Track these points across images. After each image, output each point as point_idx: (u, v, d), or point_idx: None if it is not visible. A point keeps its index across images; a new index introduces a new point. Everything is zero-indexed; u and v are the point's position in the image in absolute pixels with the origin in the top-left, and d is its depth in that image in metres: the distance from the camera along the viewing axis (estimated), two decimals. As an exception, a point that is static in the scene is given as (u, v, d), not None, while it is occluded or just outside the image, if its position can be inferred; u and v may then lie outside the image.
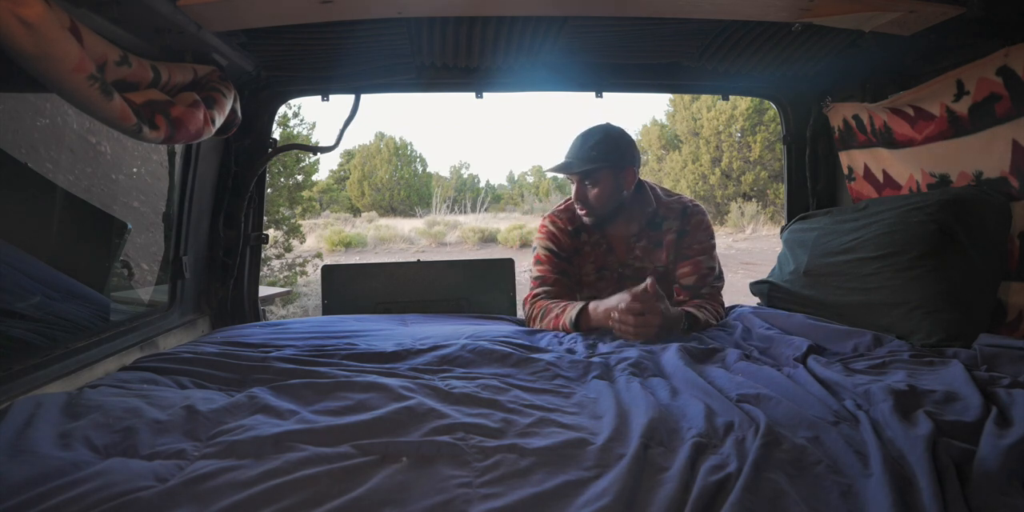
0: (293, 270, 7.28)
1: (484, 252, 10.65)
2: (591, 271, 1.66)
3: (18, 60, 0.80)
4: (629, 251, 1.64)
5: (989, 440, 0.69)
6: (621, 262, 1.64)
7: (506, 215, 15.92)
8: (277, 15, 1.25)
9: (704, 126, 13.70)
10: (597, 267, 1.65)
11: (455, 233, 11.83)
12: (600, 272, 1.65)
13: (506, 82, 1.83)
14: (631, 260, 1.64)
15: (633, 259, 1.64)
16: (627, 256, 1.64)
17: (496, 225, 12.20)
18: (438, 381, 0.98)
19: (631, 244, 1.64)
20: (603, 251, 1.65)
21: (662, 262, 1.62)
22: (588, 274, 1.66)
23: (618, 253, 1.65)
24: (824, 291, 1.51)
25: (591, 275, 1.66)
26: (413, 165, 20.24)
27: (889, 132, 1.62)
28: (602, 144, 1.55)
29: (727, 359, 1.12)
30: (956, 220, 1.28)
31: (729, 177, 13.61)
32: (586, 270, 1.66)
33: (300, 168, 7.85)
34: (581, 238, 1.66)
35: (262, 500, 0.60)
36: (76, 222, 1.45)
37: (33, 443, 0.70)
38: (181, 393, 0.94)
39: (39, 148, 1.42)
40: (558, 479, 0.65)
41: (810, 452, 0.70)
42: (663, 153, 15.21)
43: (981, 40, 1.30)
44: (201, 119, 1.16)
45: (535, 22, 1.44)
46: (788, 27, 1.41)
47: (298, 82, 1.76)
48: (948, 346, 1.16)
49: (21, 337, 1.14)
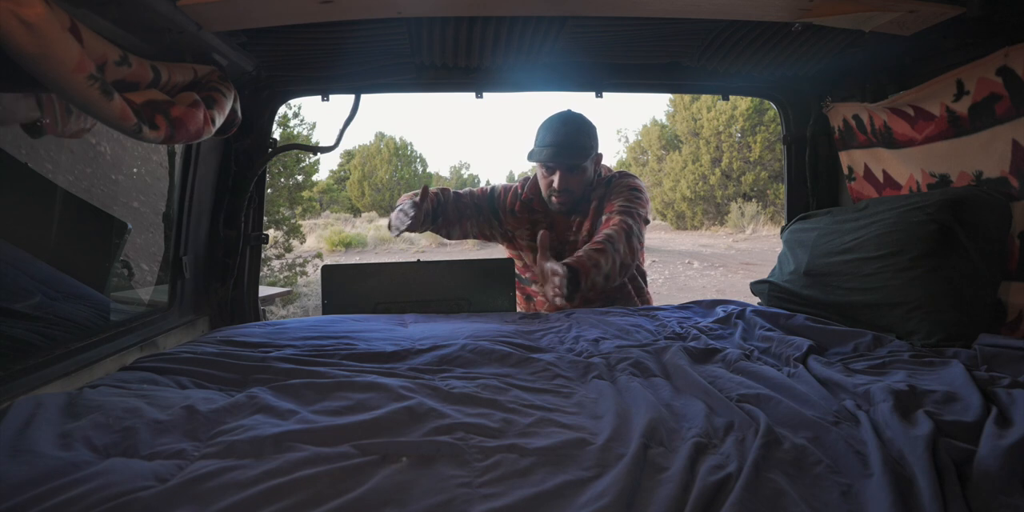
0: (293, 270, 7.29)
1: (484, 252, 10.65)
2: (525, 237, 1.83)
3: (18, 60, 0.80)
4: (568, 229, 1.79)
5: (989, 440, 0.69)
6: (561, 238, 1.79)
7: (506, 215, 15.87)
8: (277, 15, 1.25)
9: (704, 126, 13.71)
10: (531, 236, 1.79)
11: (455, 233, 11.79)
12: (533, 241, 1.77)
13: (506, 82, 1.83)
14: (569, 236, 1.79)
15: (570, 234, 1.79)
16: (567, 233, 1.79)
17: (496, 225, 12.16)
18: (438, 381, 0.98)
19: (569, 222, 1.80)
20: (544, 227, 1.77)
21: (586, 231, 1.76)
22: (522, 238, 1.84)
23: (558, 231, 1.80)
24: (824, 291, 1.51)
25: (525, 240, 1.83)
26: (413, 165, 20.24)
27: (889, 132, 1.62)
28: (584, 134, 1.70)
29: (727, 359, 1.12)
30: (956, 220, 1.28)
31: (729, 177, 13.61)
32: (520, 234, 1.84)
33: (300, 168, 7.86)
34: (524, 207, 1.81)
35: (262, 500, 0.60)
36: (76, 222, 1.45)
37: (33, 443, 0.70)
38: (181, 393, 0.94)
39: (39, 148, 1.42)
40: (558, 479, 0.65)
41: (810, 452, 0.70)
42: (663, 153, 15.22)
43: (981, 40, 1.30)
44: (201, 119, 1.16)
45: (535, 22, 1.44)
46: (788, 27, 1.41)
47: (298, 82, 1.76)
48: (948, 346, 1.16)
49: (21, 337, 1.14)
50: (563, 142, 1.68)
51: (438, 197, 1.81)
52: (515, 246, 1.89)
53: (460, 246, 11.34)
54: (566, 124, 1.71)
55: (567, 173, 1.68)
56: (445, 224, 1.83)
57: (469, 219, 1.86)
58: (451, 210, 1.83)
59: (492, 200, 1.88)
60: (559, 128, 1.71)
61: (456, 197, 1.86)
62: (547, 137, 1.72)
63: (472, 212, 1.86)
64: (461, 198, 1.87)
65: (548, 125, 1.74)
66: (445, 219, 1.82)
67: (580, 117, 1.75)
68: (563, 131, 1.69)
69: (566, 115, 1.76)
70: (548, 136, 1.72)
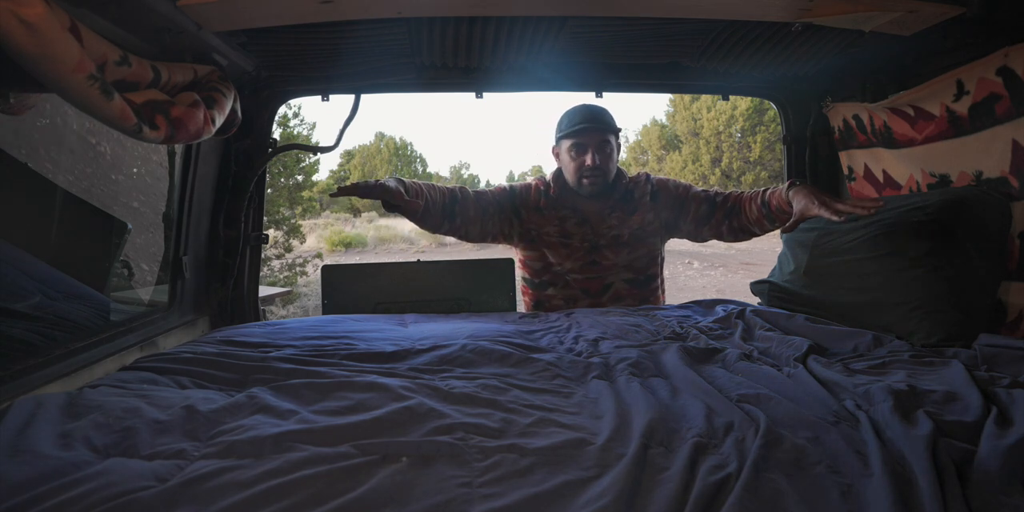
0: (293, 270, 7.29)
1: (484, 252, 10.65)
2: (553, 234, 1.80)
3: (18, 60, 0.80)
4: (603, 222, 1.79)
5: (989, 440, 0.69)
6: (596, 232, 1.79)
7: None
8: (277, 15, 1.25)
9: (704, 126, 13.71)
10: (561, 233, 1.79)
11: (455, 233, 11.79)
12: (564, 238, 1.79)
13: (506, 82, 1.83)
14: (605, 230, 1.79)
15: (607, 228, 1.79)
16: (603, 227, 1.79)
17: (496, 225, 12.16)
18: (438, 381, 0.98)
19: (604, 215, 1.80)
20: (573, 223, 1.79)
21: (638, 224, 1.80)
22: (550, 235, 1.80)
23: (593, 224, 1.79)
24: (824, 291, 1.51)
25: (553, 237, 1.80)
26: (413, 165, 20.25)
27: (889, 132, 1.62)
28: (608, 114, 1.76)
29: (727, 359, 1.12)
30: (956, 220, 1.28)
31: (729, 177, 13.61)
32: (547, 231, 1.80)
33: (300, 168, 7.86)
34: (550, 203, 1.81)
35: (262, 500, 0.60)
36: (76, 222, 1.45)
37: (33, 443, 0.70)
38: (181, 393, 0.94)
39: (39, 148, 1.42)
40: (558, 479, 0.65)
41: (810, 452, 0.70)
42: (663, 153, 15.22)
43: (981, 40, 1.30)
44: (201, 119, 1.16)
45: (535, 22, 1.44)
46: (788, 27, 1.41)
47: (298, 82, 1.76)
48: (948, 346, 1.16)
49: (21, 337, 1.14)
50: (592, 118, 1.73)
51: (429, 194, 1.70)
52: (538, 245, 1.81)
53: (460, 246, 11.33)
54: (589, 107, 1.77)
55: (599, 150, 1.72)
56: (464, 223, 1.75)
57: (491, 217, 1.79)
58: (471, 208, 1.75)
59: (513, 198, 1.83)
60: (583, 110, 1.76)
61: (477, 195, 1.79)
62: (575, 118, 1.75)
63: (494, 210, 1.80)
64: (483, 196, 1.80)
65: (571, 111, 1.78)
66: (463, 218, 1.74)
67: (590, 104, 1.81)
68: (588, 111, 1.75)
69: (585, 103, 1.81)
70: (576, 117, 1.75)
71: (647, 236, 1.80)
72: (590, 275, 1.79)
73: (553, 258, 1.80)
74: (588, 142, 1.72)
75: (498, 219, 1.81)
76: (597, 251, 1.77)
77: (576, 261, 1.78)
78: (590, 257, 1.77)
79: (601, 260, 1.78)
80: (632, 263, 1.79)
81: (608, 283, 1.79)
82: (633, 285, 1.80)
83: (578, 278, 1.79)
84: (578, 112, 1.76)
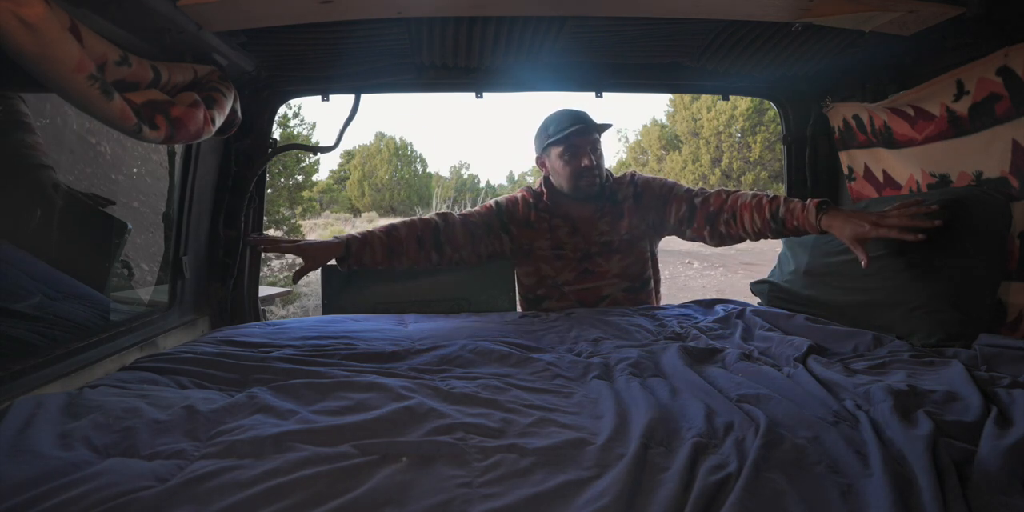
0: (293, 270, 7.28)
1: (484, 252, 10.63)
2: (546, 247, 1.77)
3: (18, 60, 0.80)
4: (594, 229, 1.76)
5: (989, 440, 0.69)
6: (587, 240, 1.76)
7: (506, 215, 15.89)
8: (277, 15, 1.25)
9: (704, 126, 13.71)
10: (553, 245, 1.76)
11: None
12: (557, 250, 1.76)
13: (506, 82, 1.83)
14: (596, 237, 1.76)
15: (599, 235, 1.76)
16: (593, 234, 1.76)
17: (496, 225, 12.16)
18: (438, 381, 0.98)
19: (595, 222, 1.76)
20: (565, 233, 1.76)
21: (626, 230, 1.76)
22: (542, 249, 1.77)
23: (583, 233, 1.76)
24: (824, 291, 1.51)
25: (546, 251, 1.77)
26: (413, 165, 20.23)
27: (889, 132, 1.62)
28: (588, 115, 1.73)
29: (727, 359, 1.12)
30: (956, 220, 1.28)
31: (729, 177, 13.61)
32: (540, 245, 1.77)
33: (300, 168, 7.85)
34: (540, 214, 1.78)
35: (262, 500, 0.60)
36: (76, 222, 1.45)
37: (33, 443, 0.70)
38: (181, 393, 0.94)
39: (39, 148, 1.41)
40: (558, 479, 0.65)
41: (810, 452, 0.70)
42: (663, 153, 15.22)
43: (981, 40, 1.30)
44: (201, 119, 1.16)
45: (535, 22, 1.44)
46: (788, 27, 1.41)
47: (298, 82, 1.76)
48: (948, 346, 1.16)
49: (21, 337, 1.14)
50: (580, 119, 1.70)
51: (387, 235, 1.66)
52: (532, 259, 1.78)
53: (460, 246, 11.31)
54: (572, 111, 1.74)
55: (593, 151, 1.71)
56: (454, 250, 1.70)
57: (481, 239, 1.75)
58: (459, 234, 1.71)
59: (501, 214, 1.78)
60: (568, 114, 1.73)
61: (463, 218, 1.75)
62: (563, 121, 1.71)
63: (483, 231, 1.75)
64: (470, 218, 1.76)
65: (556, 115, 1.74)
66: (452, 245, 1.69)
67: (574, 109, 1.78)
68: (573, 115, 1.72)
69: (565, 109, 1.76)
70: (564, 120, 1.71)
71: (636, 240, 1.77)
72: (585, 285, 1.75)
73: (547, 271, 1.77)
74: (582, 144, 1.69)
75: (488, 239, 1.76)
76: (589, 259, 1.75)
77: (570, 271, 1.75)
78: (583, 266, 1.75)
79: (594, 268, 1.75)
80: (626, 270, 1.76)
81: (605, 294, 1.75)
82: (629, 292, 1.78)
83: (574, 289, 1.75)
84: (564, 117, 1.72)
